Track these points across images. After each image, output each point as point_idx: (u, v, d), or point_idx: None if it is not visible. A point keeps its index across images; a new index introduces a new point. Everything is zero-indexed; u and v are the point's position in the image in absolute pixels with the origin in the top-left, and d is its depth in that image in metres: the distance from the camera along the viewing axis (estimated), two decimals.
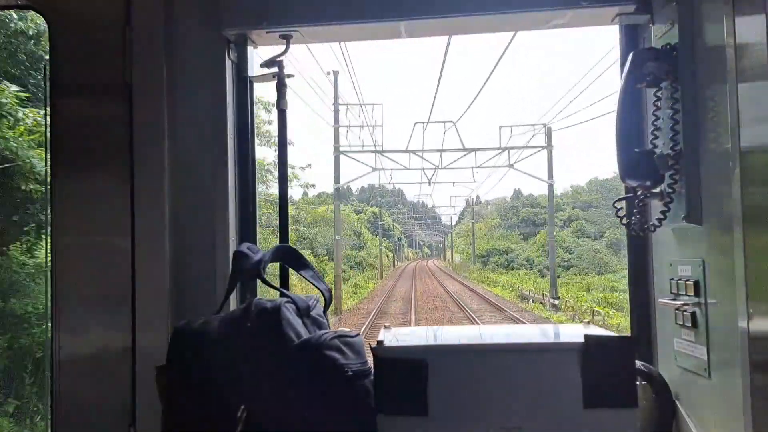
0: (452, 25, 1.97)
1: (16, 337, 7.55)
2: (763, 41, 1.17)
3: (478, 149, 31.28)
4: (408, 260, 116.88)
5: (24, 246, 8.05)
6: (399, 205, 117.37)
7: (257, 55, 2.03)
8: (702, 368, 1.50)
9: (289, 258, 1.75)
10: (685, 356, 1.59)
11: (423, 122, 31.10)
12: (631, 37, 1.84)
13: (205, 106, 1.87)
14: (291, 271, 1.82)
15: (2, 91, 7.43)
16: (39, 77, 8.18)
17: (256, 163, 2.02)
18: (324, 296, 1.70)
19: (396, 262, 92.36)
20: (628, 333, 1.86)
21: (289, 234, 1.99)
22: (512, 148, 30.53)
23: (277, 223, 1.98)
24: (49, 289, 1.83)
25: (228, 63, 1.89)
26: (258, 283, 1.73)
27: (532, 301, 29.10)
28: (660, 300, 1.72)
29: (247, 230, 1.94)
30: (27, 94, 7.65)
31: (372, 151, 31.50)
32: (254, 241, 1.93)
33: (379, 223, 62.65)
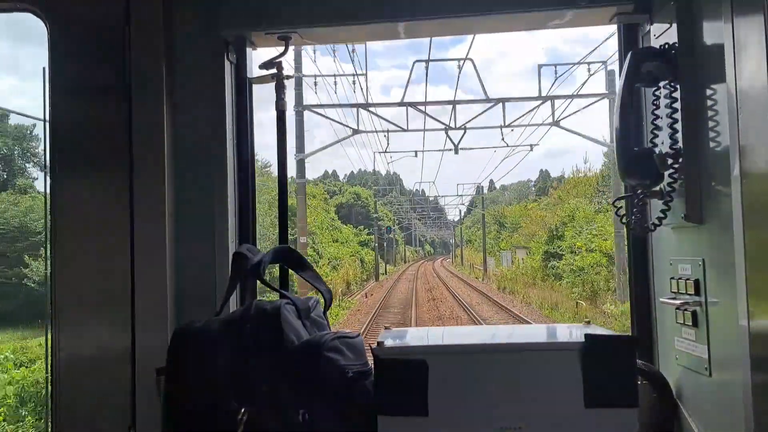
0: (451, 26, 1.97)
1: None
2: (762, 40, 1.17)
3: (508, 99, 19.31)
4: (405, 263, 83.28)
5: None
6: (394, 192, 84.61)
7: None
8: (703, 367, 1.50)
9: (289, 259, 1.75)
10: (685, 355, 1.59)
11: (424, 60, 18.95)
12: (630, 37, 1.84)
13: (204, 107, 1.87)
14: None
15: None
16: None
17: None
18: (324, 297, 1.69)
19: (383, 267, 52.66)
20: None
21: None
22: (558, 97, 19.24)
23: None
24: (49, 289, 1.83)
25: (227, 64, 1.89)
26: (258, 285, 1.73)
27: None
28: (660, 299, 1.72)
29: (247, 232, 1.94)
30: None
31: (352, 105, 19.52)
32: (254, 243, 1.93)
33: (329, 198, 31.15)
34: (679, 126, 1.54)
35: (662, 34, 1.63)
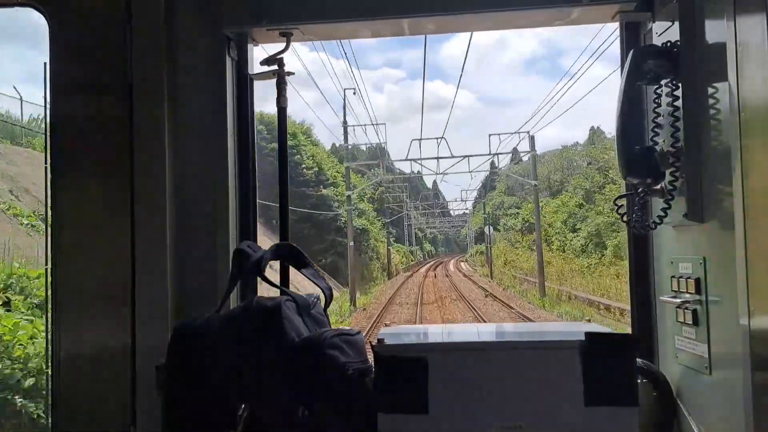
0: (454, 23, 1.97)
1: None
2: (764, 38, 1.17)
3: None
4: (392, 276, 46.30)
5: None
6: (377, 168, 55.18)
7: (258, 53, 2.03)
8: (703, 366, 1.50)
9: (290, 256, 1.74)
10: (686, 354, 1.59)
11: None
12: (632, 35, 1.84)
13: (205, 104, 1.87)
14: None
15: None
16: None
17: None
18: (324, 295, 1.69)
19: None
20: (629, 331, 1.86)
21: None
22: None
23: None
24: (49, 288, 1.83)
25: (228, 61, 1.88)
26: (258, 282, 1.73)
27: None
28: (661, 298, 1.72)
29: (248, 228, 1.94)
30: None
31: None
32: (255, 240, 1.93)
33: None
34: (680, 124, 1.54)
35: (664, 32, 1.63)
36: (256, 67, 1.98)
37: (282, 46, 1.93)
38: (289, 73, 1.94)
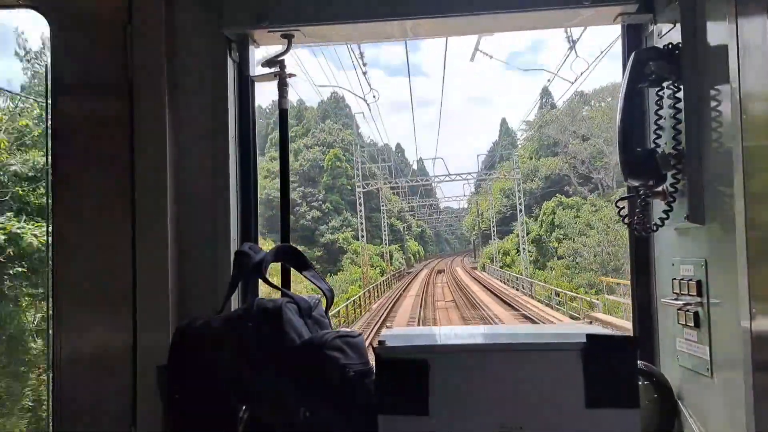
0: (456, 25, 1.96)
1: None
2: (766, 40, 1.17)
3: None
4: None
5: None
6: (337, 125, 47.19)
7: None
8: (704, 368, 1.50)
9: (291, 258, 1.75)
10: (687, 356, 1.59)
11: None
12: (634, 37, 1.84)
13: (206, 105, 1.87)
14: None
15: None
16: None
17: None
18: (326, 296, 1.69)
19: None
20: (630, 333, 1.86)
21: None
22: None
23: None
24: (50, 288, 1.83)
25: (229, 62, 1.88)
26: (259, 283, 1.73)
27: None
28: (662, 300, 1.72)
29: (249, 230, 1.94)
30: None
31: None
32: (256, 241, 1.93)
33: None
34: (682, 126, 1.54)
35: (666, 34, 1.63)
36: (258, 68, 1.98)
37: (283, 48, 1.93)
38: (291, 75, 1.95)
